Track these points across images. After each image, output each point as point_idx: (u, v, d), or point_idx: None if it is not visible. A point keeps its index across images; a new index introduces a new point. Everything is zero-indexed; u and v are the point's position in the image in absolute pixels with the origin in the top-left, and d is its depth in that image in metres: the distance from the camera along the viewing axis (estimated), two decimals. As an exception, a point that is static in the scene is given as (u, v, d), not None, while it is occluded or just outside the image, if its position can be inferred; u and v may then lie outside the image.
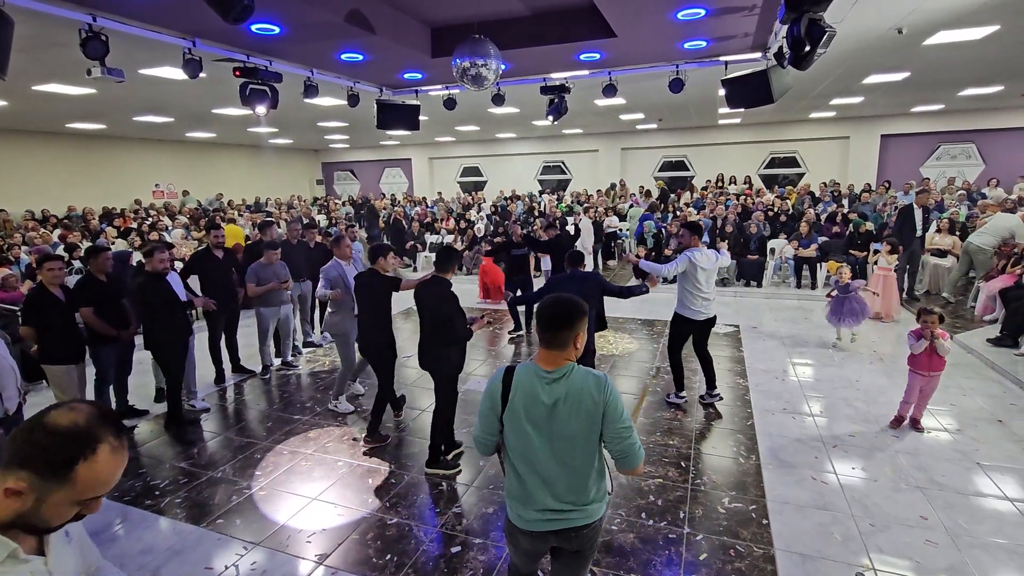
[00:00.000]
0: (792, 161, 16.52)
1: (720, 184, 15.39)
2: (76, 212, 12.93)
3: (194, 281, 5.76)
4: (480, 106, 10.63)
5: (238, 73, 5.86)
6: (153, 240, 9.23)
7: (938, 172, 14.64)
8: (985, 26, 6.13)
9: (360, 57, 6.45)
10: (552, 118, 7.69)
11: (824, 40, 3.91)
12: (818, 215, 11.16)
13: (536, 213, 14.20)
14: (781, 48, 5.22)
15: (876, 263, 7.86)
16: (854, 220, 9.94)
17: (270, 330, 6.16)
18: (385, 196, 19.38)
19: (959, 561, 2.99)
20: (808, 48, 3.99)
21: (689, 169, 17.65)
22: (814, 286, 9.61)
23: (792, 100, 11.35)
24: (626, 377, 5.89)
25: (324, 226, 13.26)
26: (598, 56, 6.62)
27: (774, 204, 12.14)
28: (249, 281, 5.82)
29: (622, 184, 16.63)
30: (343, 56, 6.40)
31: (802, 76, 6.53)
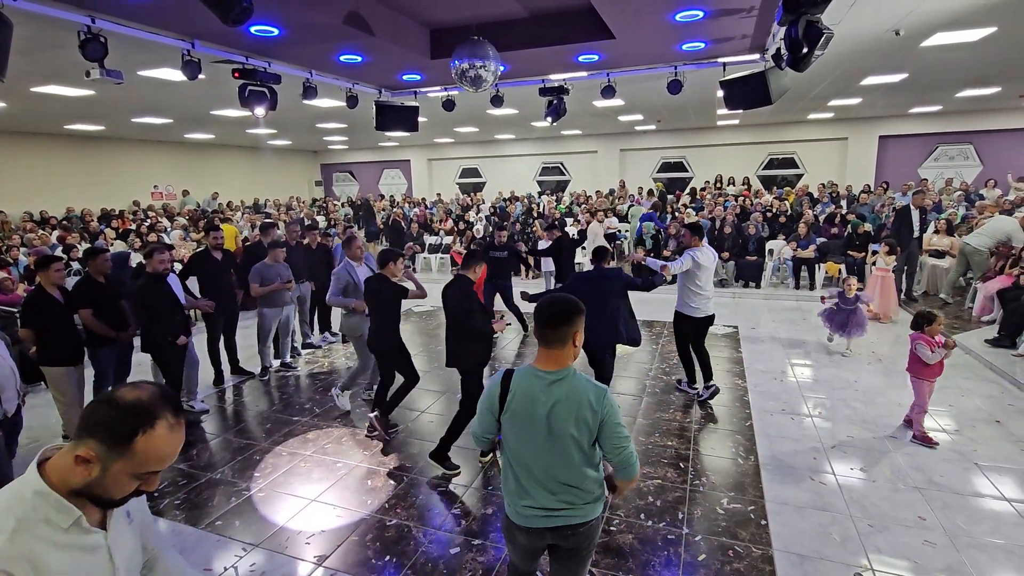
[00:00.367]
0: (790, 162, 16.55)
1: (719, 185, 15.41)
2: (75, 213, 12.93)
3: (192, 283, 5.75)
4: (479, 107, 10.64)
5: (237, 74, 5.86)
6: (152, 241, 9.23)
7: (936, 173, 14.67)
8: (982, 28, 6.15)
9: (359, 59, 6.46)
10: (551, 119, 7.70)
11: (822, 42, 3.94)
12: (816, 216, 11.17)
13: (535, 214, 14.21)
14: (779, 50, 5.23)
15: (874, 264, 7.88)
16: (852, 221, 9.97)
17: (272, 331, 6.16)
18: (384, 198, 19.38)
19: (957, 561, 3.00)
20: (806, 50, 4.02)
21: (688, 170, 17.67)
22: (812, 287, 9.63)
23: (790, 101, 11.37)
24: (624, 378, 5.89)
25: (323, 227, 13.25)
26: (597, 58, 6.63)
27: (773, 205, 12.15)
28: (253, 281, 5.81)
29: (622, 185, 16.64)
30: (342, 58, 6.40)
31: (800, 77, 6.54)
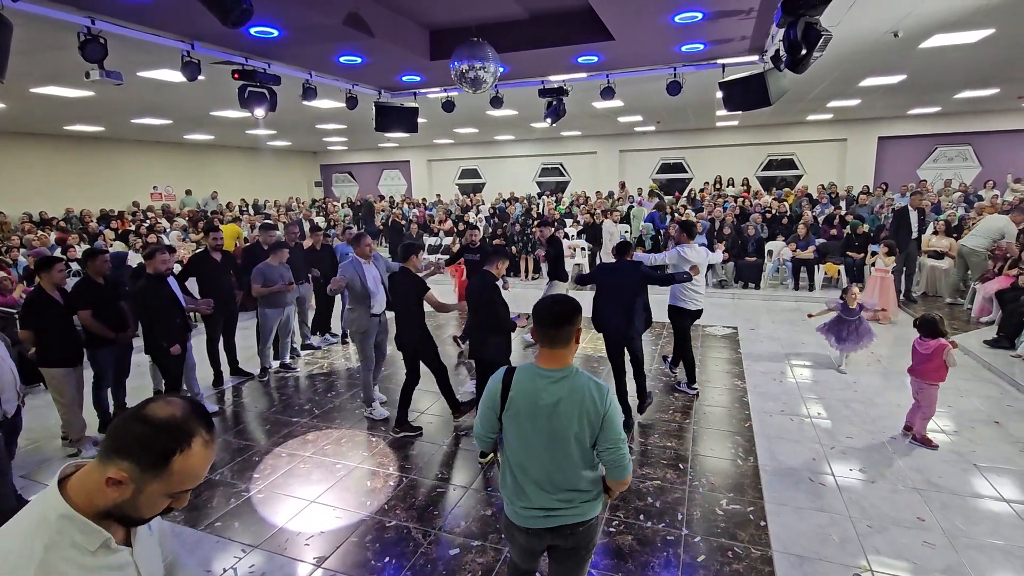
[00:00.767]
0: (790, 163, 16.57)
1: (718, 186, 15.43)
2: (74, 214, 12.92)
3: (192, 284, 5.74)
4: (478, 108, 10.65)
5: (237, 76, 5.86)
6: (151, 242, 9.22)
7: (935, 174, 14.70)
8: (980, 29, 6.17)
9: (359, 60, 6.46)
10: (550, 120, 7.70)
11: (820, 43, 3.95)
12: (816, 217, 11.18)
13: (535, 215, 14.22)
14: (778, 51, 5.25)
15: (874, 265, 7.89)
16: (851, 222, 9.98)
17: (273, 331, 6.16)
18: (383, 198, 19.37)
19: (956, 562, 3.00)
20: (804, 51, 4.03)
21: (687, 171, 17.69)
22: (812, 288, 9.64)
23: (789, 103, 11.39)
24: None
25: (323, 228, 13.25)
26: (596, 59, 6.64)
27: (772, 206, 12.15)
28: (255, 282, 5.81)
29: (622, 186, 16.64)
30: (342, 59, 6.40)
31: (799, 79, 6.54)
